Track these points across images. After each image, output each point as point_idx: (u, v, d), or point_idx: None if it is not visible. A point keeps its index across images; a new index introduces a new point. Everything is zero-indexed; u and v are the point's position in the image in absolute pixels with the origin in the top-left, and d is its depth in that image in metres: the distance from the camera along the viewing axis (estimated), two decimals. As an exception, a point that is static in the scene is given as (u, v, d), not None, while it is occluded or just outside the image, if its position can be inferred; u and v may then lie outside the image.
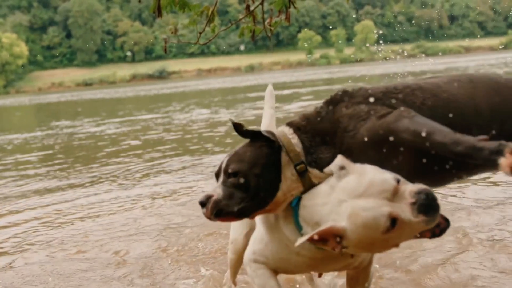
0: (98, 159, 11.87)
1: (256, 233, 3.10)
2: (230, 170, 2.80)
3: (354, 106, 2.86)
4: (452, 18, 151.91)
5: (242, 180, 2.78)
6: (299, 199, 2.79)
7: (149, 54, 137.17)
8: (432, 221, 2.43)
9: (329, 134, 2.84)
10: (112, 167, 10.50)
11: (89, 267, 4.97)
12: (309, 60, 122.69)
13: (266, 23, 5.48)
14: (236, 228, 3.57)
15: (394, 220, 2.40)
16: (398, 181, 2.47)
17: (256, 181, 2.77)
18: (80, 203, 7.64)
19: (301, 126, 2.90)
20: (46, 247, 5.69)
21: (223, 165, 2.85)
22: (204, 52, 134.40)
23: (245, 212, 2.80)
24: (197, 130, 15.82)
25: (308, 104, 21.73)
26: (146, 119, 21.63)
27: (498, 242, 4.61)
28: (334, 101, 2.94)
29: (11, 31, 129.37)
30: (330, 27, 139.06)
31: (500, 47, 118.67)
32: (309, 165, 2.83)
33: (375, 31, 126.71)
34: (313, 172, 2.83)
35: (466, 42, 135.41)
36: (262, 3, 5.40)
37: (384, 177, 2.49)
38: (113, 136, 16.41)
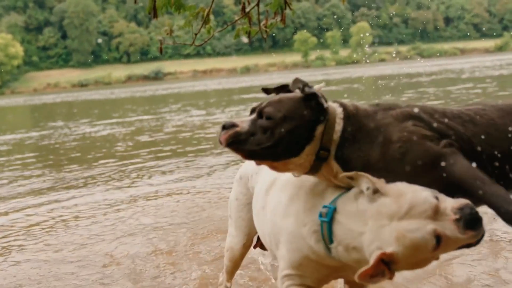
0: (92, 160, 11.85)
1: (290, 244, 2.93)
2: (265, 112, 2.74)
3: (403, 120, 2.76)
4: (448, 20, 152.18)
5: (270, 126, 2.70)
6: (333, 211, 2.64)
7: (144, 55, 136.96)
8: (479, 235, 2.41)
9: (369, 136, 2.74)
10: (106, 168, 10.48)
11: (80, 267, 4.98)
12: (305, 62, 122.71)
13: (261, 24, 5.48)
14: (234, 236, 3.53)
15: (438, 238, 2.36)
16: (437, 198, 2.43)
17: (282, 135, 2.69)
18: (73, 204, 7.65)
19: (351, 116, 2.80)
20: (38, 247, 5.67)
21: (263, 104, 2.78)
22: (199, 53, 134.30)
23: (256, 156, 2.74)
24: (192, 131, 15.81)
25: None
26: (141, 120, 21.60)
27: (494, 243, 4.63)
28: (385, 107, 2.86)
29: (6, 31, 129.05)
30: (326, 28, 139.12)
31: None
32: (335, 158, 2.75)
33: (368, 33, 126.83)
34: (332, 165, 2.76)
35: (461, 44, 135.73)
36: (257, 5, 5.40)
37: (423, 195, 2.43)
38: (108, 137, 16.37)
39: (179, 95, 45.61)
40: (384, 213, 2.43)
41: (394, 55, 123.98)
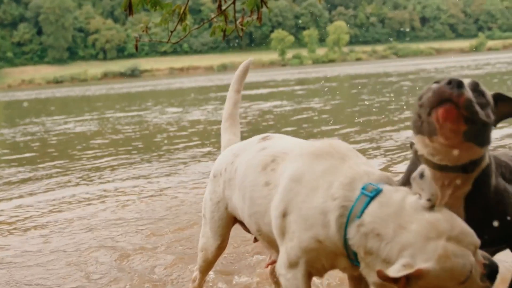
0: (66, 157, 11.77)
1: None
2: (479, 88, 2.54)
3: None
4: (424, 20, 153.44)
5: (487, 105, 2.51)
6: (379, 192, 2.51)
7: (121, 52, 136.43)
8: None
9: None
10: (79, 165, 10.42)
11: (50, 262, 4.95)
12: (282, 60, 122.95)
13: (237, 22, 5.46)
14: (208, 237, 3.44)
15: (469, 274, 2.31)
16: None
17: (492, 118, 2.54)
18: (45, 199, 7.62)
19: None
20: (11, 242, 5.62)
21: (468, 81, 2.56)
22: (176, 50, 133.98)
23: (479, 132, 2.49)
24: (167, 129, 15.75)
25: (280, 104, 21.78)
26: (117, 117, 21.47)
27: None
28: None
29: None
30: (303, 27, 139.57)
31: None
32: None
33: (345, 33, 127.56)
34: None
35: (437, 44, 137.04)
36: (234, 3, 5.38)
37: (471, 229, 2.38)
38: (81, 135, 16.26)
39: (155, 93, 45.46)
40: (435, 227, 2.33)
41: (370, 54, 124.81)
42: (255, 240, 3.49)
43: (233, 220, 3.37)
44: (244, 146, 3.27)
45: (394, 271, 2.26)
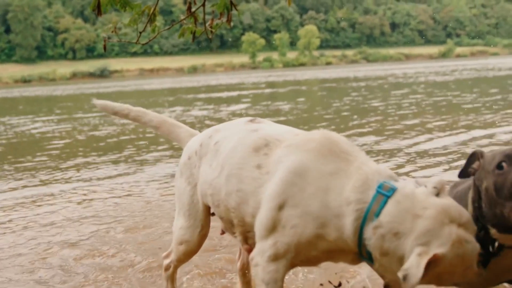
0: (30, 156, 11.66)
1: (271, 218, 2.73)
2: None
3: None
4: (394, 26, 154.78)
5: None
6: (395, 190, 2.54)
7: (90, 52, 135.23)
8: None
9: None
10: (40, 165, 10.35)
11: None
12: (253, 63, 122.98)
13: (207, 25, 5.47)
14: (186, 227, 3.30)
15: None
16: None
17: None
18: (10, 197, 7.61)
19: None
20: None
21: None
22: (147, 51, 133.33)
23: None
24: (135, 129, 15.67)
25: (249, 106, 21.80)
26: (84, 118, 21.29)
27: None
28: None
29: None
30: (274, 30, 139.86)
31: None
32: None
33: (315, 37, 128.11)
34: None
35: (406, 50, 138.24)
36: (203, 5, 5.38)
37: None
38: (48, 134, 16.11)
39: (124, 94, 45.12)
40: (448, 212, 2.39)
41: (341, 58, 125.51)
42: (223, 232, 3.40)
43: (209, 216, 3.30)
44: (228, 125, 3.24)
45: (415, 266, 2.28)
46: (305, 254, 2.72)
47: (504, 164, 2.48)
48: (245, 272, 3.68)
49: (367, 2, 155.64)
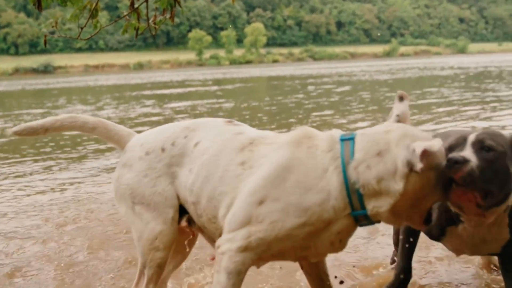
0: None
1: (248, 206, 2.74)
2: (485, 144, 2.73)
3: None
4: (340, 25, 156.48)
5: (495, 158, 2.71)
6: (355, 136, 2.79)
7: (34, 48, 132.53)
8: None
9: None
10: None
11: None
12: (199, 60, 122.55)
13: (150, 21, 5.42)
14: (151, 220, 3.09)
15: None
16: None
17: (505, 168, 2.74)
18: None
19: None
20: None
21: (472, 138, 2.79)
22: (92, 47, 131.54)
23: (489, 197, 2.73)
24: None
25: (195, 103, 21.71)
26: (25, 114, 20.86)
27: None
28: None
29: None
30: (221, 28, 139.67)
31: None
32: None
33: (262, 34, 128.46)
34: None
35: (352, 48, 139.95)
36: (146, 1, 5.34)
37: None
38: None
39: (69, 90, 44.37)
40: (411, 129, 2.71)
41: (287, 56, 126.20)
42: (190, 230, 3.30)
43: (177, 200, 3.13)
44: (205, 125, 3.16)
45: (412, 151, 2.53)
46: (279, 247, 2.75)
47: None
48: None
49: (314, 1, 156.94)
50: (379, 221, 2.76)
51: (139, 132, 3.44)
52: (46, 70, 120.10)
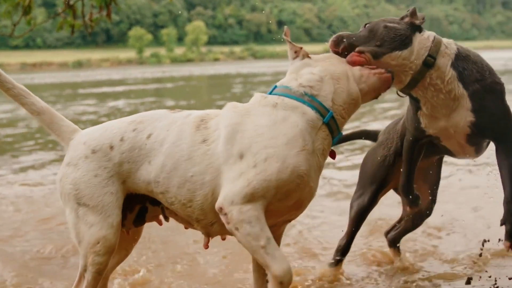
0: None
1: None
2: (368, 23, 3.52)
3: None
4: (280, 23, 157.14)
5: (370, 28, 3.44)
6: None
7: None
8: None
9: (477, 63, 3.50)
10: None
11: None
12: (140, 58, 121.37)
13: (86, 18, 5.40)
14: (98, 222, 3.02)
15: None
16: None
17: (384, 32, 3.38)
18: None
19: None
20: None
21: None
22: (29, 45, 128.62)
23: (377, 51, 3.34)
24: (12, 125, 15.20)
25: (134, 102, 21.56)
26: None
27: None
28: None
29: None
30: (162, 26, 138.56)
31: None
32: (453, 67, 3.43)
33: (203, 33, 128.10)
34: (444, 73, 3.43)
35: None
36: (82, -2, 5.32)
37: None
38: None
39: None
40: None
41: (228, 55, 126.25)
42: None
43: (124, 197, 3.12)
44: (150, 115, 3.17)
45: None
46: (286, 188, 2.83)
47: None
48: None
49: (254, 0, 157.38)
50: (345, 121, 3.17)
51: (79, 130, 3.40)
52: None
